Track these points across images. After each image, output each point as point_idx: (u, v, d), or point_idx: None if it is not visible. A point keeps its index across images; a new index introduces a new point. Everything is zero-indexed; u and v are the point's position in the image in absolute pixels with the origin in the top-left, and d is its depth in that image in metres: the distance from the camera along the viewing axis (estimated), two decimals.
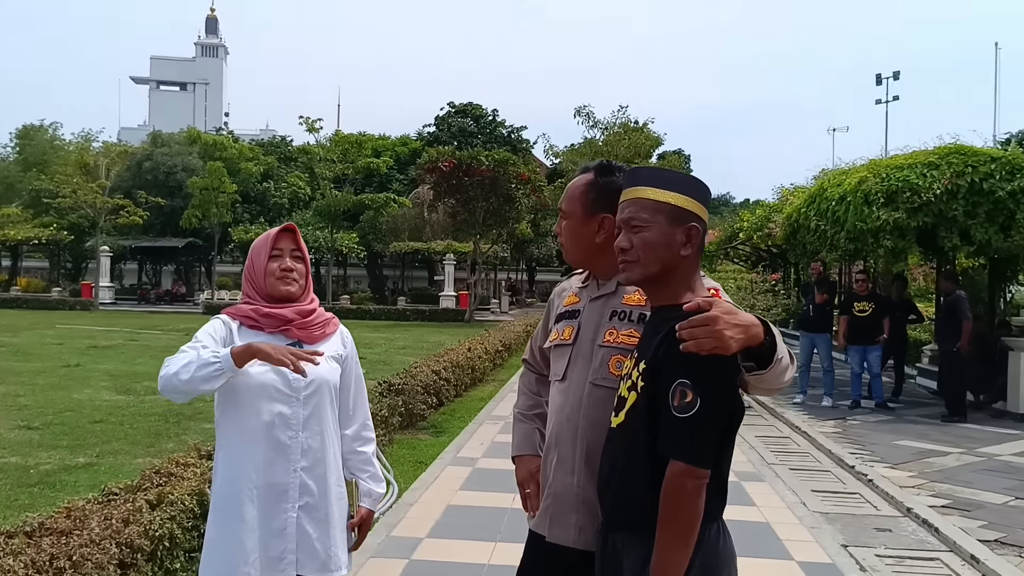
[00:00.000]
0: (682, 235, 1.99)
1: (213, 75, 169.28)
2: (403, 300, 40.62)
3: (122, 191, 42.32)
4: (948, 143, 11.85)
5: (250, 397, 2.49)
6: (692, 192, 2.03)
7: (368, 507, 2.79)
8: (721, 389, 1.86)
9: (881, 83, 48.12)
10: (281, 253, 2.63)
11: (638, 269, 2.02)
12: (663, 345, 1.91)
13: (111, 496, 4.14)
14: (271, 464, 2.49)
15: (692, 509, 1.84)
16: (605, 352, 2.28)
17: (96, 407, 10.03)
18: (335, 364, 2.67)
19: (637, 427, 1.95)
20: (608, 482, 2.05)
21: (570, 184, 2.50)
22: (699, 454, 1.83)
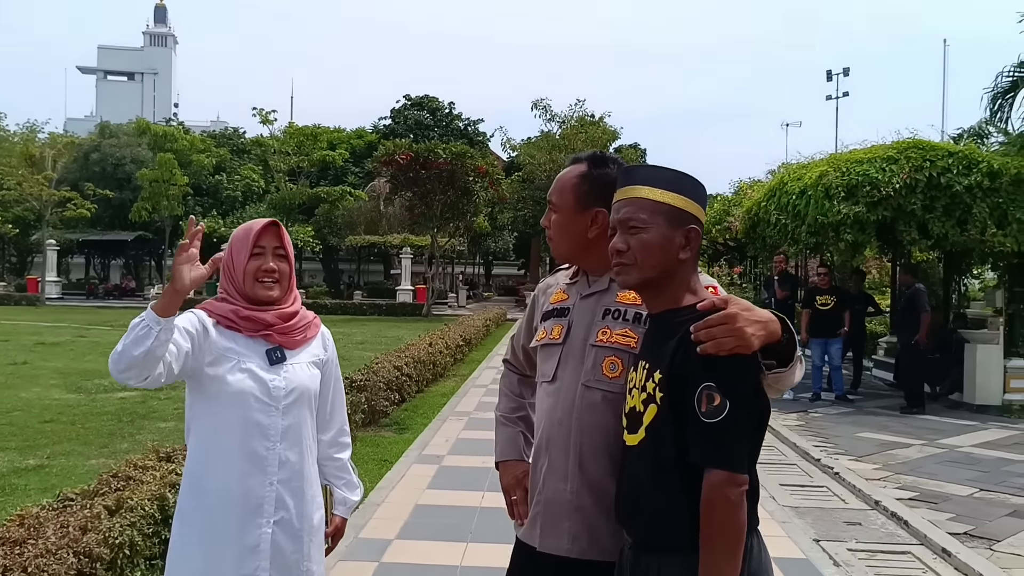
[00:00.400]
0: (681, 237, 1.91)
1: (162, 65, 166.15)
2: (359, 294, 40.26)
3: (69, 183, 41.30)
4: (906, 138, 11.97)
5: (225, 404, 2.34)
6: (691, 193, 1.95)
7: (342, 515, 2.67)
8: (748, 388, 1.78)
9: (831, 79, 48.77)
10: (263, 251, 2.44)
11: (635, 272, 1.93)
12: (679, 350, 1.81)
13: (67, 502, 3.94)
14: (246, 476, 2.33)
15: (738, 520, 1.73)
16: (598, 352, 2.16)
17: (45, 406, 9.69)
18: (315, 370, 2.52)
19: (662, 441, 1.84)
20: (635, 502, 1.93)
21: (560, 175, 2.36)
22: (735, 459, 1.74)
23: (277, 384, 2.37)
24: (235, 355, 2.35)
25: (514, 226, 47.17)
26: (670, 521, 1.82)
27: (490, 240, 50.66)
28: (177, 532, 2.38)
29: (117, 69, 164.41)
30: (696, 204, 1.94)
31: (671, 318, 1.90)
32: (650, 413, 1.86)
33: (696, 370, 1.76)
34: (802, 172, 12.45)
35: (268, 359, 2.39)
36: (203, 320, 2.37)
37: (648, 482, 1.87)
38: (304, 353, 2.49)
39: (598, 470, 2.12)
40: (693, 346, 1.76)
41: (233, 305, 2.41)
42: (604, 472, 2.11)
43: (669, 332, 1.87)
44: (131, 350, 2.09)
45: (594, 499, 2.12)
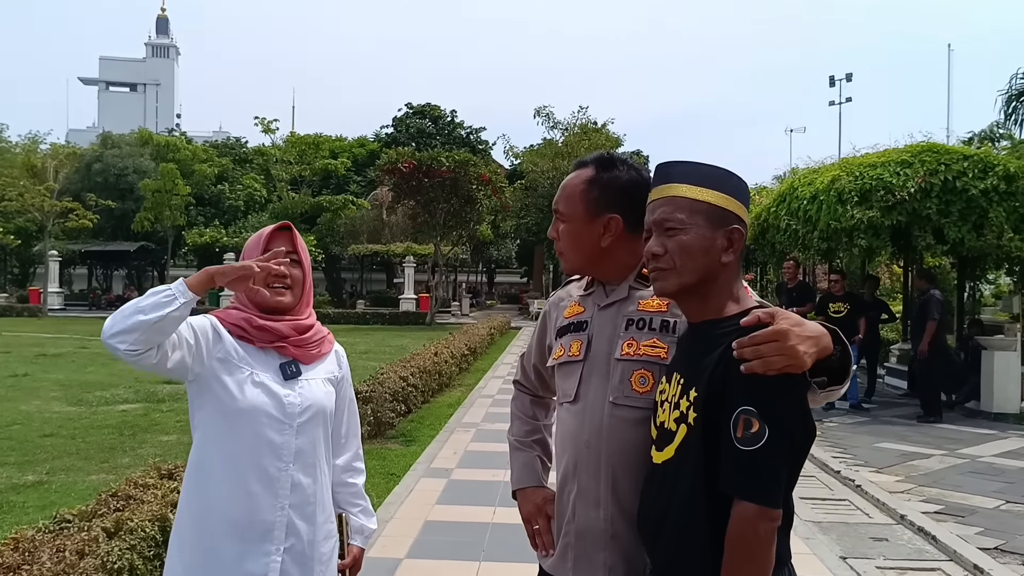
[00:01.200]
0: (723, 239, 1.75)
1: (164, 76, 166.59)
2: (362, 303, 40.12)
3: (71, 194, 41.23)
4: (919, 141, 11.80)
5: (236, 420, 2.14)
6: (733, 190, 1.78)
7: (360, 545, 2.46)
8: (792, 414, 1.59)
9: (834, 85, 48.67)
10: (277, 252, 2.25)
11: (674, 278, 1.77)
12: (719, 367, 1.64)
13: (63, 524, 3.75)
14: (255, 499, 2.13)
15: (766, 557, 1.57)
16: (625, 366, 1.98)
17: (46, 420, 9.51)
18: (330, 388, 2.33)
19: (691, 464, 1.68)
20: (657, 525, 1.77)
21: (566, 181, 2.16)
22: (770, 492, 1.56)
23: (292, 400, 2.18)
24: (248, 367, 2.16)
25: (517, 234, 47.13)
26: (692, 550, 1.67)
27: (493, 248, 50.62)
28: (175, 557, 2.18)
29: (119, 80, 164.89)
30: (738, 202, 1.79)
31: (712, 329, 1.74)
32: (681, 433, 1.71)
33: (735, 390, 1.60)
34: (813, 177, 12.28)
35: (282, 373, 2.21)
36: (215, 325, 2.18)
37: (672, 506, 1.72)
38: (319, 369, 2.30)
39: (633, 494, 1.93)
40: (734, 363, 1.60)
41: (246, 314, 2.23)
42: (639, 496, 1.92)
43: (709, 345, 1.70)
44: (145, 313, 1.91)
45: (630, 526, 1.93)
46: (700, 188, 1.76)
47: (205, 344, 2.12)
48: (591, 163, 2.13)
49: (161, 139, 52.55)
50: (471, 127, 59.87)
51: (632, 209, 2.01)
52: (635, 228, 1.99)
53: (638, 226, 1.93)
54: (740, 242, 1.77)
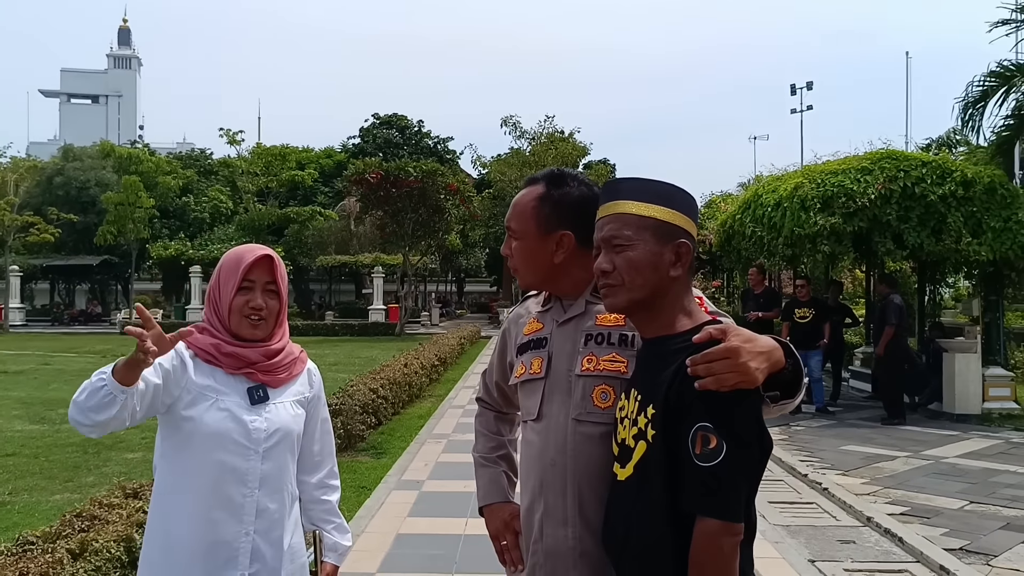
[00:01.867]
0: (671, 253, 1.78)
1: (126, 87, 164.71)
2: (331, 315, 39.86)
3: (32, 208, 40.65)
4: (879, 148, 11.99)
5: (199, 446, 2.12)
6: (679, 205, 1.82)
7: (334, 563, 2.43)
8: (748, 428, 1.62)
9: (795, 93, 49.29)
10: (252, 286, 2.21)
11: (623, 294, 1.79)
12: (674, 384, 1.66)
13: (27, 546, 3.68)
14: (218, 524, 2.11)
15: (729, 571, 1.60)
16: (586, 382, 1.98)
17: (7, 438, 9.33)
18: (299, 410, 2.30)
19: (652, 481, 1.70)
20: (623, 543, 1.78)
21: (517, 199, 2.16)
22: (731, 507, 1.59)
23: (258, 426, 2.16)
24: (213, 393, 2.14)
25: (486, 243, 47.11)
26: (657, 565, 1.69)
27: (462, 257, 50.52)
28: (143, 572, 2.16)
29: (81, 92, 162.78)
30: (686, 217, 1.82)
31: (665, 345, 1.76)
32: (639, 450, 1.73)
33: (692, 407, 1.62)
34: (777, 184, 12.43)
35: (249, 398, 2.18)
36: (181, 354, 2.15)
37: (635, 522, 1.74)
38: (288, 391, 2.28)
39: (599, 511, 1.93)
40: (689, 380, 1.62)
41: (215, 339, 2.19)
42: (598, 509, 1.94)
43: (663, 361, 1.72)
44: (94, 415, 1.93)
45: (598, 543, 1.93)
46: (647, 204, 1.79)
47: (172, 380, 2.10)
48: (541, 180, 2.14)
49: (124, 151, 51.91)
50: (438, 137, 59.88)
51: (584, 225, 2.02)
52: (588, 244, 1.98)
53: (590, 241, 1.94)
54: (688, 256, 1.80)
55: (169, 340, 1.98)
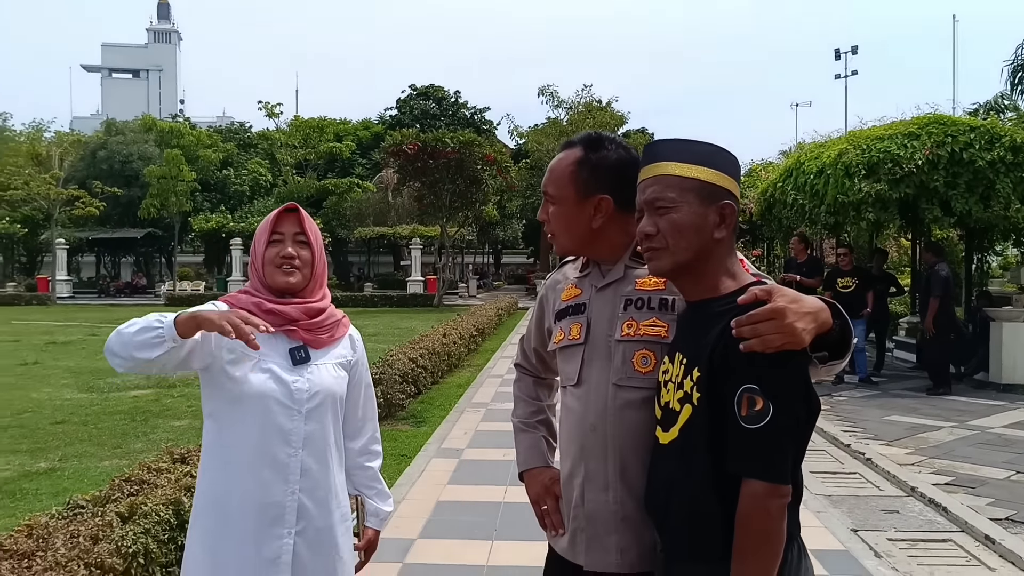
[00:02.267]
0: (715, 215, 1.75)
1: (166, 61, 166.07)
2: (370, 286, 40.15)
3: (77, 182, 41.27)
4: (926, 113, 11.69)
5: (243, 406, 2.15)
6: (722, 165, 1.78)
7: (375, 528, 2.48)
8: (794, 390, 1.60)
9: (840, 58, 48.30)
10: (282, 238, 2.24)
11: (667, 257, 1.77)
12: (719, 346, 1.64)
13: (77, 510, 3.77)
14: (266, 484, 2.15)
15: (777, 533, 1.58)
16: (626, 348, 1.97)
17: (57, 407, 9.57)
18: (342, 372, 2.32)
19: (697, 445, 1.69)
20: (666, 506, 1.78)
21: (554, 163, 2.13)
22: (778, 469, 1.58)
23: (300, 386, 2.18)
24: (256, 353, 2.15)
25: (523, 214, 46.99)
26: (702, 530, 1.68)
27: (499, 229, 50.48)
28: (194, 540, 2.21)
29: (122, 67, 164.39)
30: (729, 177, 1.78)
31: (710, 307, 1.74)
32: (685, 413, 1.72)
33: (737, 369, 1.60)
34: (820, 151, 12.19)
35: (291, 358, 2.20)
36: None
37: (680, 486, 1.73)
38: (331, 354, 2.29)
39: (641, 475, 1.93)
40: (734, 342, 1.60)
41: (256, 298, 2.22)
42: (639, 474, 1.94)
43: (708, 324, 1.71)
44: (133, 351, 1.97)
45: (640, 508, 1.93)
46: (689, 165, 1.76)
47: (211, 341, 2.12)
48: (579, 144, 2.11)
49: (165, 125, 52.51)
50: (475, 107, 59.70)
51: (622, 189, 2.00)
52: (626, 207, 1.97)
53: (629, 205, 1.92)
54: (732, 217, 1.76)
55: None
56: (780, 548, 1.59)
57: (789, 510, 1.61)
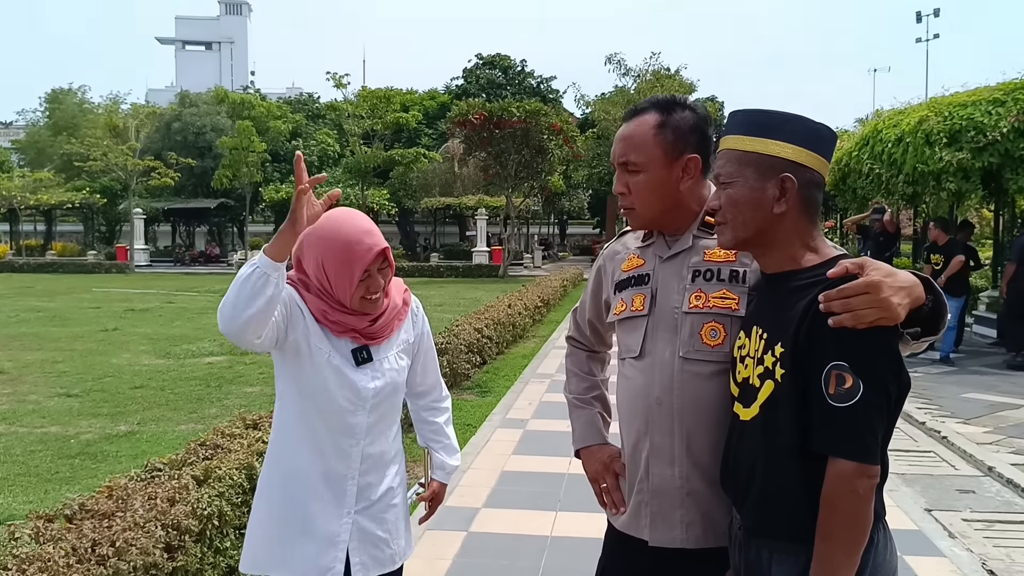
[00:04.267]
0: (774, 189, 1.69)
1: (238, 33, 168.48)
2: (436, 256, 40.42)
3: (152, 153, 42.33)
4: (1013, 79, 11.18)
5: (311, 397, 2.19)
6: (788, 135, 1.70)
7: (441, 480, 2.52)
8: (886, 367, 1.54)
9: (921, 21, 46.66)
10: (370, 273, 2.16)
11: (729, 232, 1.77)
12: (804, 321, 1.59)
13: (155, 472, 3.90)
14: (329, 467, 2.21)
15: (865, 514, 1.55)
16: (695, 320, 1.93)
17: (136, 372, 9.89)
18: (404, 359, 2.33)
19: (779, 422, 1.65)
20: (747, 484, 1.74)
21: (629, 132, 2.03)
22: (868, 449, 1.53)
23: (365, 385, 2.20)
24: (326, 348, 2.18)
25: (589, 184, 46.66)
26: (785, 508, 1.65)
27: (565, 199, 50.17)
28: (261, 510, 2.27)
29: (195, 39, 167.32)
30: (796, 147, 1.70)
31: (790, 280, 1.70)
32: (767, 389, 1.67)
33: (824, 345, 1.55)
34: (899, 119, 11.80)
35: (354, 359, 2.21)
36: (297, 302, 2.17)
37: (761, 464, 1.69)
38: (392, 344, 2.30)
39: (707, 450, 1.91)
40: (820, 317, 1.55)
41: (322, 304, 2.18)
42: (714, 451, 1.90)
43: (789, 297, 1.66)
44: (250, 303, 1.90)
45: (706, 482, 1.93)
46: (749, 138, 1.73)
47: (289, 318, 2.12)
48: (651, 108, 2.03)
49: (236, 97, 53.30)
50: (541, 76, 59.21)
51: (704, 148, 1.98)
52: (706, 170, 1.97)
53: (707, 168, 1.92)
54: (793, 191, 1.69)
55: (323, 202, 2.03)
56: (867, 529, 1.55)
57: (876, 491, 1.57)
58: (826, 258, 1.70)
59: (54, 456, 6.18)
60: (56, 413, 7.66)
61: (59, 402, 8.15)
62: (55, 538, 2.99)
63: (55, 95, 53.43)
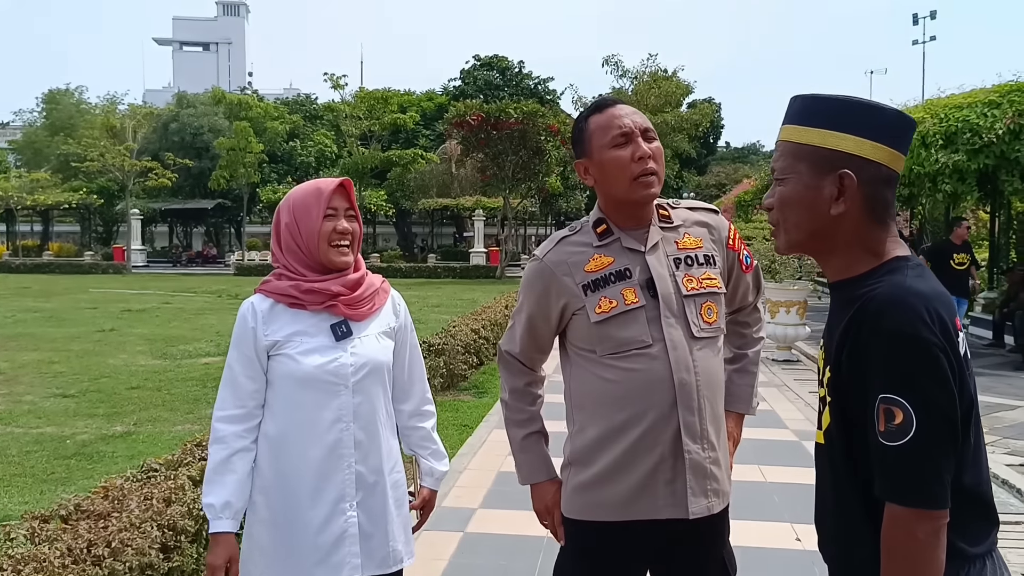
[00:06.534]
0: (832, 187, 1.45)
1: (235, 34, 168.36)
2: (433, 257, 40.43)
3: (149, 153, 42.32)
4: (1008, 81, 11.21)
5: (291, 387, 2.18)
6: (851, 125, 1.45)
7: (431, 487, 2.50)
8: (938, 392, 1.31)
9: (918, 23, 46.74)
10: (336, 213, 2.22)
11: (781, 236, 1.56)
12: (847, 341, 1.40)
13: (150, 472, 3.90)
14: (323, 462, 2.19)
15: (927, 562, 1.34)
16: (696, 301, 2.09)
17: (132, 373, 9.89)
18: (387, 341, 2.33)
19: (836, 454, 1.47)
20: (821, 519, 1.59)
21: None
22: (927, 492, 1.32)
23: (344, 361, 2.19)
24: (299, 336, 2.19)
25: (586, 185, 46.59)
26: (850, 548, 1.47)
27: (562, 200, 50.20)
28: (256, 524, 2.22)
29: (192, 40, 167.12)
30: (857, 138, 1.44)
31: (845, 291, 1.49)
32: (825, 418, 1.50)
33: (871, 371, 1.35)
34: None
35: (334, 334, 2.21)
36: (256, 312, 2.20)
37: (829, 499, 1.54)
38: (374, 324, 2.30)
39: (717, 419, 2.11)
40: (862, 337, 1.36)
41: (293, 280, 2.22)
42: (719, 419, 2.12)
43: (840, 311, 1.48)
44: None
45: (718, 450, 2.10)
46: (806, 128, 1.49)
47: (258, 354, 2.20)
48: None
49: (234, 98, 53.33)
50: (539, 78, 59.26)
51: None
52: None
53: None
54: (852, 189, 1.45)
55: None
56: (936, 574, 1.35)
57: (968, 521, 1.38)
58: (882, 261, 1.47)
59: (50, 456, 6.17)
60: (52, 413, 7.66)
61: (55, 402, 8.15)
62: (51, 538, 2.99)
63: (52, 95, 53.39)
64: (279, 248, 2.28)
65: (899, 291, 1.38)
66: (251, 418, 2.20)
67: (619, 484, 2.09)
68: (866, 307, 1.38)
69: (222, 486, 2.14)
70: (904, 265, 1.45)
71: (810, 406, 8.18)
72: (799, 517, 4.83)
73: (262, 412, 2.22)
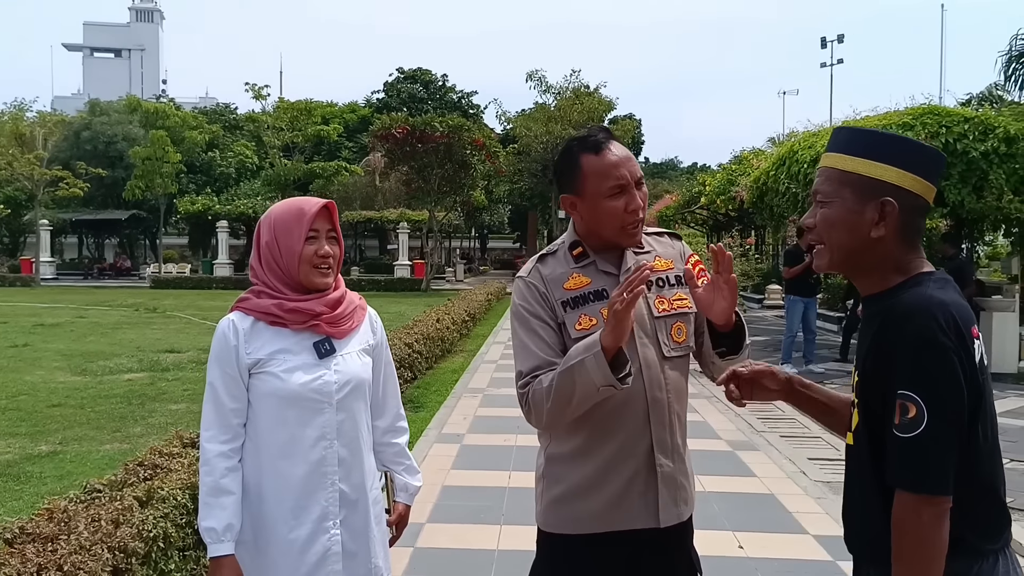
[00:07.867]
0: (873, 212, 1.62)
1: (149, 41, 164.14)
2: (357, 270, 40.06)
3: (60, 162, 40.80)
4: (920, 103, 11.78)
5: (275, 406, 2.18)
6: (891, 158, 1.63)
7: (405, 502, 2.54)
8: (950, 391, 1.49)
9: (826, 46, 48.51)
10: (318, 235, 2.22)
11: (825, 255, 1.72)
12: (872, 348, 1.59)
13: (95, 494, 3.78)
14: (308, 480, 2.18)
15: (932, 542, 1.50)
16: (666, 322, 2.17)
17: (52, 390, 9.53)
18: (367, 359, 2.34)
19: (862, 453, 1.65)
20: (848, 514, 1.76)
21: None
22: (931, 479, 1.49)
23: (328, 379, 2.20)
24: (282, 354, 2.18)
25: (510, 199, 46.97)
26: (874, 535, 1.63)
27: (486, 214, 50.44)
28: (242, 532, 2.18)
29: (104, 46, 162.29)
30: (899, 170, 1.63)
31: (874, 304, 1.67)
32: (855, 419, 1.68)
33: (889, 374, 1.52)
34: (813, 140, 12.27)
35: (317, 352, 2.21)
36: (237, 331, 2.19)
37: (856, 495, 1.71)
38: (353, 342, 2.31)
39: (684, 430, 2.21)
40: (884, 344, 1.53)
41: (275, 299, 2.22)
42: (685, 429, 2.21)
43: (869, 322, 1.65)
44: None
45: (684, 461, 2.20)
46: (851, 157, 1.66)
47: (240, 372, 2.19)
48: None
49: (150, 106, 51.92)
50: (463, 91, 59.47)
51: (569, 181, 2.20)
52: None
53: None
54: (894, 214, 1.62)
55: None
56: (939, 555, 1.50)
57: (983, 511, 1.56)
58: (910, 275, 1.65)
59: None
60: None
61: None
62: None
63: None
64: (259, 264, 2.27)
65: (922, 300, 1.56)
66: (237, 437, 2.19)
67: (594, 498, 2.15)
68: (892, 314, 1.57)
69: (221, 508, 2.11)
70: (928, 279, 1.63)
71: (740, 416, 8.40)
72: (739, 525, 4.97)
73: (244, 430, 2.21)
